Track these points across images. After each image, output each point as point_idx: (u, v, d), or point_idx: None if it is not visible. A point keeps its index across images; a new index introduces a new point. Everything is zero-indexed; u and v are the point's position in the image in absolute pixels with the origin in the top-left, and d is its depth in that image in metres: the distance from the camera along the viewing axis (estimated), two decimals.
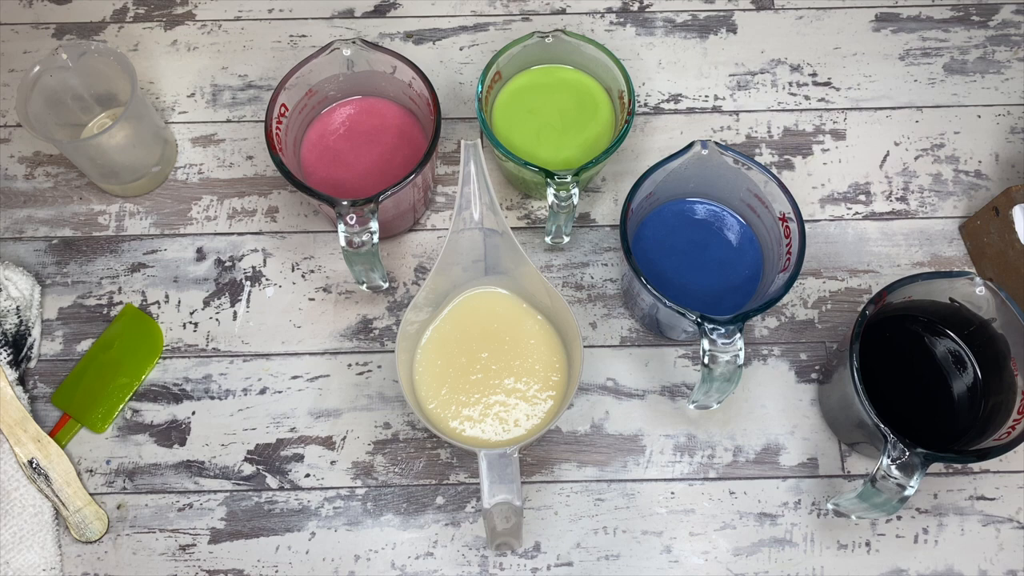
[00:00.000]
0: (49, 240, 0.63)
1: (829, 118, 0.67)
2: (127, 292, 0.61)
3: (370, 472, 0.57)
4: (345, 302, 0.61)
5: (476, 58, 0.69)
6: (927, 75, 0.68)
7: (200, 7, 0.70)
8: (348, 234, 0.52)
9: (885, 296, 0.50)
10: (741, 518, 0.56)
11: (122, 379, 0.59)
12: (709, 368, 0.49)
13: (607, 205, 0.64)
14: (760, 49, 0.69)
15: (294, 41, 0.69)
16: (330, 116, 0.62)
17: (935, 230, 0.63)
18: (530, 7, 0.70)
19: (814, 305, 0.61)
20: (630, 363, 0.60)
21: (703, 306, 0.50)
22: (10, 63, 0.68)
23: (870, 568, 0.55)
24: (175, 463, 0.57)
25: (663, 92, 0.67)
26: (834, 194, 0.64)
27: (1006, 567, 0.55)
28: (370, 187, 0.58)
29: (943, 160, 0.65)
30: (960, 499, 0.56)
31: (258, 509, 0.56)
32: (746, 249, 0.58)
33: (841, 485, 0.57)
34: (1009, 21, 0.70)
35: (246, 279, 0.62)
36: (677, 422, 0.58)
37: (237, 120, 0.67)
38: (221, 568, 0.55)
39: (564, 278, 0.62)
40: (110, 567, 0.55)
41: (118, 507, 0.56)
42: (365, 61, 0.59)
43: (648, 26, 0.70)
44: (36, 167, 0.65)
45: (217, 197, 0.64)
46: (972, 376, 0.54)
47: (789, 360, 0.60)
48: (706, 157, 0.54)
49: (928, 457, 0.46)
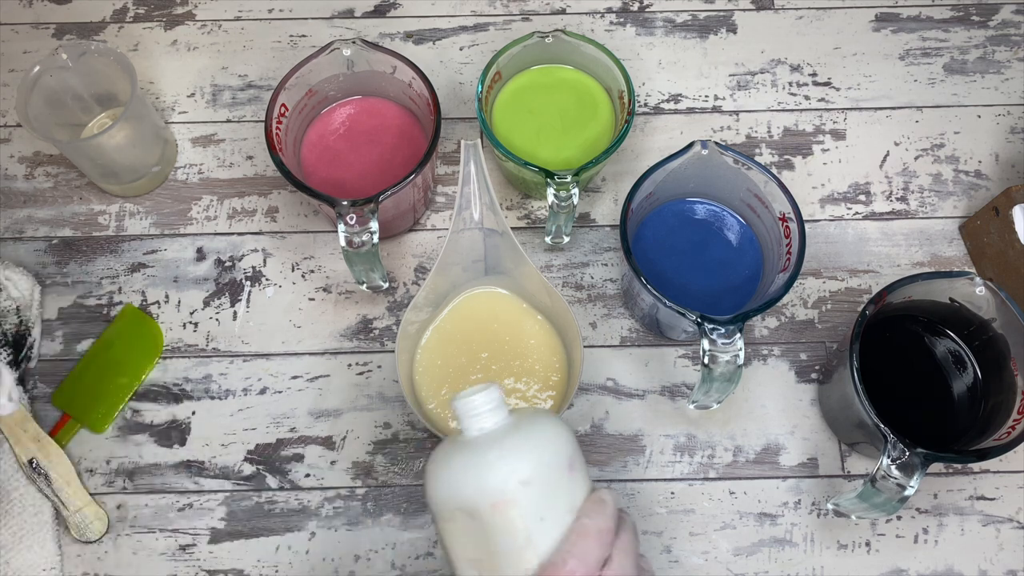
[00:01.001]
0: (49, 240, 0.63)
1: (829, 118, 0.67)
2: (127, 292, 0.61)
3: (370, 472, 0.57)
4: (345, 302, 0.61)
5: (476, 58, 0.69)
6: (927, 75, 0.68)
7: (200, 7, 0.70)
8: (348, 234, 0.52)
9: (885, 296, 0.50)
10: (741, 518, 0.56)
11: (122, 379, 0.59)
12: (709, 368, 0.49)
13: (607, 205, 0.64)
14: (760, 49, 0.69)
15: (294, 41, 0.69)
16: (330, 116, 0.62)
17: (935, 230, 0.63)
18: (530, 7, 0.70)
19: (814, 305, 0.61)
20: (630, 363, 0.60)
21: (703, 306, 0.50)
22: (10, 63, 0.68)
23: (870, 568, 0.55)
24: (175, 463, 0.57)
25: (663, 92, 0.67)
26: (834, 194, 0.64)
27: (1006, 567, 0.55)
28: (370, 187, 0.58)
29: (943, 160, 0.65)
30: (960, 499, 0.56)
31: (258, 509, 0.56)
32: (746, 249, 0.58)
33: (841, 485, 0.57)
34: (1009, 21, 0.70)
35: (246, 279, 0.62)
36: (677, 422, 0.58)
37: (237, 120, 0.67)
38: (221, 568, 0.55)
39: (564, 278, 0.62)
40: (110, 567, 0.55)
41: (118, 507, 0.56)
42: (365, 61, 0.59)
43: (648, 26, 0.70)
44: (36, 167, 0.65)
45: (217, 197, 0.64)
46: (972, 376, 0.54)
47: (789, 360, 0.60)
48: (706, 157, 0.54)
49: (928, 457, 0.46)
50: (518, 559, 0.36)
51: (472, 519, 0.36)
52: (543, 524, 0.36)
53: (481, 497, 0.36)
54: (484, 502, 0.36)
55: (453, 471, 0.37)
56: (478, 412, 0.38)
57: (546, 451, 0.37)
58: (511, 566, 0.36)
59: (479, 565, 0.37)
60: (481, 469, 0.36)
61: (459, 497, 0.36)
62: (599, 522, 0.36)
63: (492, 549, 0.36)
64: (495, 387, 0.39)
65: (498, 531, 0.36)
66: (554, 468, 0.37)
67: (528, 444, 0.37)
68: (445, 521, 0.38)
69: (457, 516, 0.37)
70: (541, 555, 0.36)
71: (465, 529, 0.37)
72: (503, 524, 0.36)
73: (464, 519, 0.37)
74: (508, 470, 0.36)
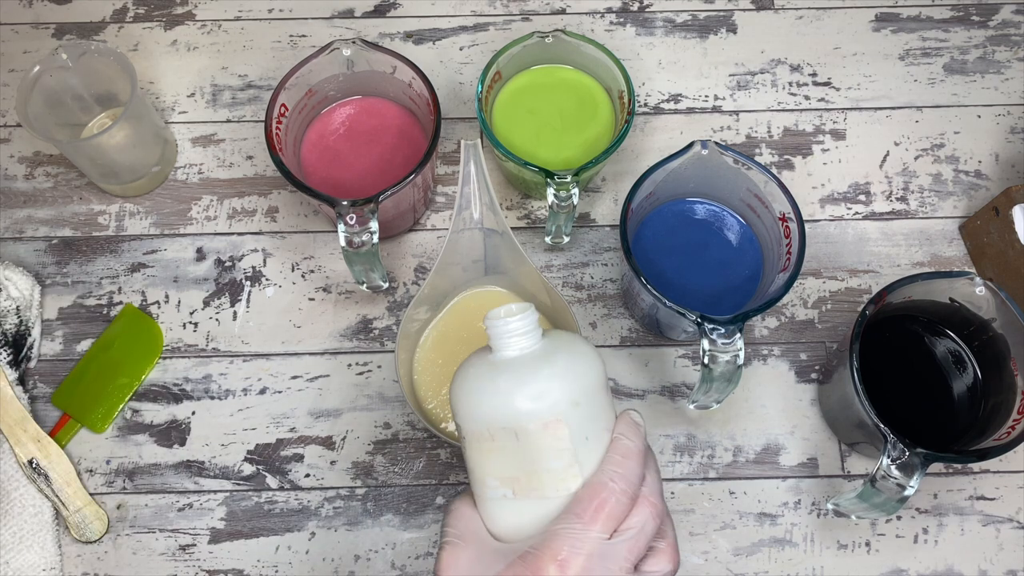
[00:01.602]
0: (49, 240, 0.63)
1: (829, 118, 0.67)
2: (127, 292, 0.61)
3: (370, 472, 0.57)
4: (345, 302, 0.61)
5: (476, 58, 0.69)
6: (927, 75, 0.68)
7: (200, 7, 0.70)
8: (348, 234, 0.52)
9: (885, 296, 0.50)
10: (741, 518, 0.56)
11: (122, 379, 0.59)
12: (709, 368, 0.49)
13: (607, 205, 0.64)
14: (760, 49, 0.69)
15: (294, 41, 0.69)
16: (330, 116, 0.62)
17: (935, 230, 0.63)
18: (530, 7, 0.70)
19: (814, 305, 0.61)
20: (630, 363, 0.60)
21: (703, 306, 0.50)
22: (10, 63, 0.68)
23: (870, 568, 0.55)
24: (175, 463, 0.57)
25: (663, 92, 0.67)
26: (834, 194, 0.64)
27: (1006, 567, 0.55)
28: (370, 187, 0.58)
29: (943, 160, 0.65)
30: (960, 499, 0.56)
31: (258, 509, 0.56)
32: (746, 249, 0.58)
33: (841, 485, 0.57)
34: (1009, 21, 0.70)
35: (246, 279, 0.62)
36: (677, 422, 0.58)
37: (237, 120, 0.67)
38: (221, 568, 0.55)
39: (564, 278, 0.62)
40: (110, 567, 0.55)
41: (118, 507, 0.56)
42: (365, 61, 0.59)
43: (648, 26, 0.70)
44: (36, 167, 0.65)
45: (217, 197, 0.64)
46: (972, 376, 0.54)
47: (789, 360, 0.60)
48: (706, 157, 0.54)
49: (928, 457, 0.46)
50: (563, 477, 0.36)
51: (517, 438, 0.36)
52: (588, 443, 0.37)
53: (532, 416, 0.36)
54: (535, 421, 0.36)
55: (499, 390, 0.37)
56: (520, 332, 0.38)
57: (590, 372, 0.37)
58: (554, 485, 0.36)
59: (515, 483, 0.36)
60: (532, 388, 0.36)
61: (505, 416, 0.36)
62: (637, 443, 0.37)
63: (535, 467, 0.36)
64: (532, 307, 0.39)
65: (546, 450, 0.36)
66: (596, 389, 0.38)
67: (575, 365, 0.37)
68: (481, 440, 0.37)
69: (498, 435, 0.36)
70: (585, 473, 0.36)
71: (504, 448, 0.36)
72: (552, 443, 0.36)
73: (506, 438, 0.36)
74: (560, 390, 0.36)
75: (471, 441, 0.38)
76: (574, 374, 0.37)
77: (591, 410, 0.37)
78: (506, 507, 0.37)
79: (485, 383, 0.37)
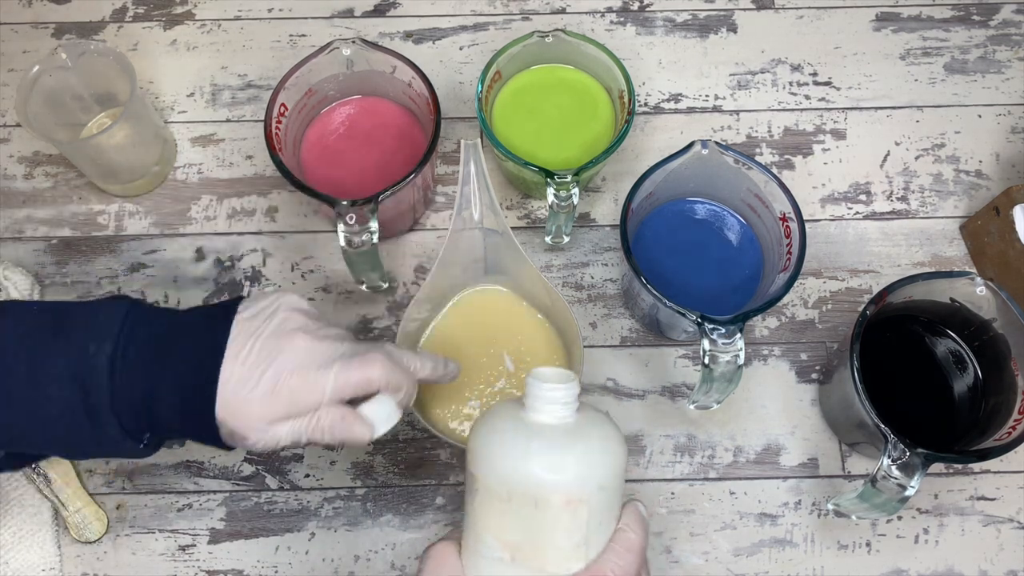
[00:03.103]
0: (48, 240, 0.63)
1: (829, 118, 0.67)
2: (127, 292, 0.61)
3: (370, 472, 0.57)
4: (345, 302, 0.61)
5: (476, 58, 0.69)
6: (927, 75, 0.68)
7: (200, 7, 0.70)
8: (348, 234, 0.52)
9: (885, 296, 0.50)
10: (741, 518, 0.56)
11: None
12: (709, 368, 0.49)
13: (607, 205, 0.64)
14: (760, 49, 0.69)
15: (294, 41, 0.69)
16: (330, 116, 0.62)
17: (935, 230, 0.63)
18: (530, 7, 0.70)
19: (814, 305, 0.61)
20: (630, 363, 0.60)
21: (703, 306, 0.50)
22: (10, 63, 0.68)
23: (870, 568, 0.55)
24: (175, 463, 0.57)
25: (663, 92, 0.67)
26: (834, 194, 0.64)
27: (1006, 567, 0.55)
28: (370, 187, 0.58)
29: (943, 160, 0.65)
30: (960, 499, 0.56)
31: (258, 509, 0.56)
32: (746, 249, 0.58)
33: (841, 485, 0.57)
34: (1010, 21, 0.70)
35: (246, 279, 0.62)
36: (677, 422, 0.58)
37: (237, 120, 0.67)
38: (221, 568, 0.55)
39: (564, 278, 0.62)
40: (110, 567, 0.55)
41: (117, 507, 0.56)
42: (365, 61, 0.59)
43: (648, 26, 0.70)
44: (36, 167, 0.65)
45: (217, 197, 0.64)
46: (972, 376, 0.54)
47: (789, 360, 0.60)
48: (706, 157, 0.54)
49: (928, 457, 0.46)
50: (568, 556, 0.36)
51: (535, 506, 0.35)
52: (599, 528, 0.36)
53: (557, 489, 0.35)
54: (559, 495, 0.35)
55: (530, 454, 0.36)
56: (562, 401, 0.37)
57: (618, 458, 0.37)
58: (556, 562, 0.36)
59: (516, 549, 0.36)
60: (565, 462, 0.35)
61: (529, 481, 0.35)
62: (640, 537, 0.37)
63: (542, 540, 0.35)
64: (577, 379, 0.38)
65: (561, 527, 0.35)
66: (619, 476, 0.37)
67: (609, 448, 0.37)
68: (494, 497, 0.36)
69: (516, 498, 0.35)
70: (589, 558, 0.36)
71: (518, 512, 0.35)
72: (569, 521, 0.35)
73: (523, 503, 0.35)
74: (590, 471, 0.36)
75: (483, 494, 0.36)
76: (606, 458, 0.36)
77: (611, 497, 0.37)
78: (498, 569, 0.36)
79: (517, 441, 0.36)
